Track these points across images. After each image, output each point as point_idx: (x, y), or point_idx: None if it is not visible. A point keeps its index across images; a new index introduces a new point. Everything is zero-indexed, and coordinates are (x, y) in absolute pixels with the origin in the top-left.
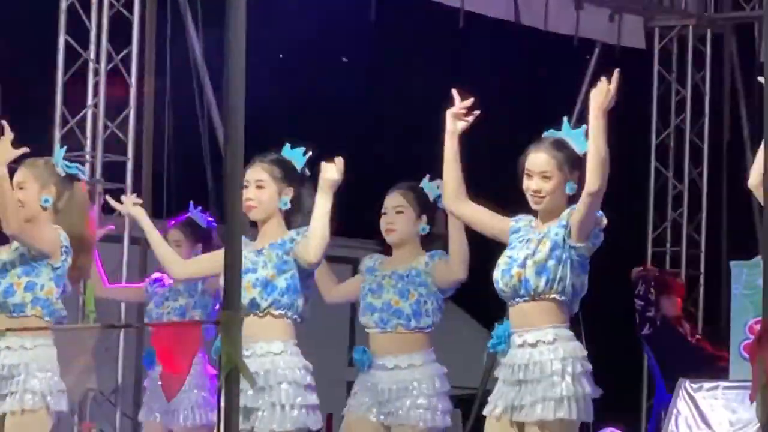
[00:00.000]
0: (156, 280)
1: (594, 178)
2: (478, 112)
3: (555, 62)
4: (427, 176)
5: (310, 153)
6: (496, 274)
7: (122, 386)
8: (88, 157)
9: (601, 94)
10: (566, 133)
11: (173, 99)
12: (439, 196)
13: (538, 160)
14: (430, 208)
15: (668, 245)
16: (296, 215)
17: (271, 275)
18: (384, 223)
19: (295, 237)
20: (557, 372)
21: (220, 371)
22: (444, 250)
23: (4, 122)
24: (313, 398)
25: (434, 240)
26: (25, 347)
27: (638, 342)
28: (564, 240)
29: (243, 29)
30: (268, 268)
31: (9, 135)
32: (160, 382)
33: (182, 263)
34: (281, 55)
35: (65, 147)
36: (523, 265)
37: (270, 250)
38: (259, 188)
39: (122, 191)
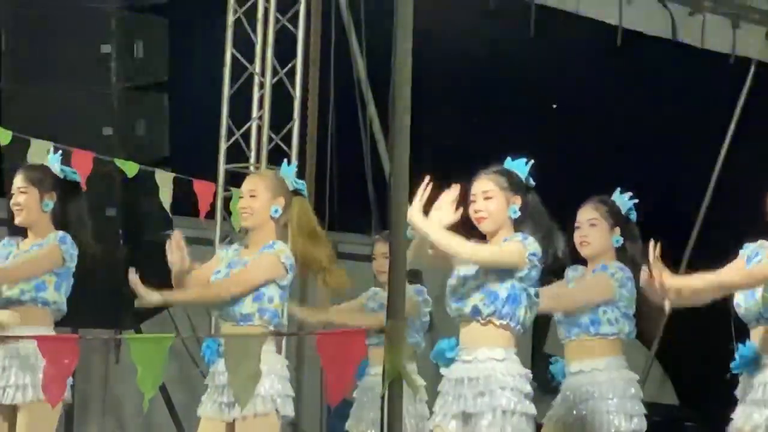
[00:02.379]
0: None
1: None
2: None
3: (711, 80)
4: (618, 189)
5: (532, 161)
6: (738, 298)
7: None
8: (252, 168)
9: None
10: None
11: (336, 112)
12: (631, 209)
13: None
14: (623, 221)
15: None
16: (525, 223)
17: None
18: (578, 237)
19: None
20: None
21: (383, 379)
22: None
23: None
24: (532, 408)
25: (628, 253)
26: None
27: None
28: None
29: (409, 45)
30: (488, 278)
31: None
32: (369, 393)
33: None
34: (443, 71)
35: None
36: None
37: None
38: (487, 199)
39: None
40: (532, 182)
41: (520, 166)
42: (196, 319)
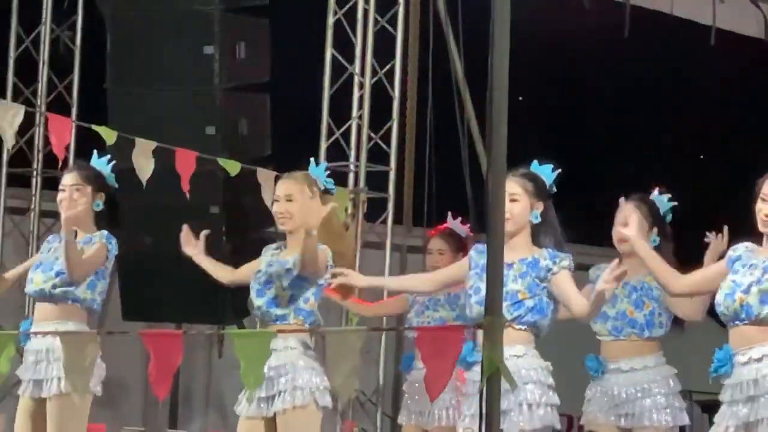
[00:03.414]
0: None
1: None
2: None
3: None
4: (656, 189)
5: (559, 170)
6: (719, 297)
7: (383, 387)
8: (352, 167)
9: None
10: None
11: (434, 111)
12: (670, 209)
13: None
14: (660, 221)
15: None
16: (545, 229)
17: (521, 292)
18: (617, 234)
19: (550, 265)
20: None
21: (482, 374)
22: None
23: None
24: (555, 398)
25: (662, 252)
26: (291, 347)
27: None
28: None
29: (506, 46)
30: (518, 284)
31: None
32: (416, 385)
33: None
34: (538, 70)
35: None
36: (747, 291)
37: (520, 264)
38: (513, 201)
39: (385, 200)
40: (554, 189)
41: (546, 172)
42: None
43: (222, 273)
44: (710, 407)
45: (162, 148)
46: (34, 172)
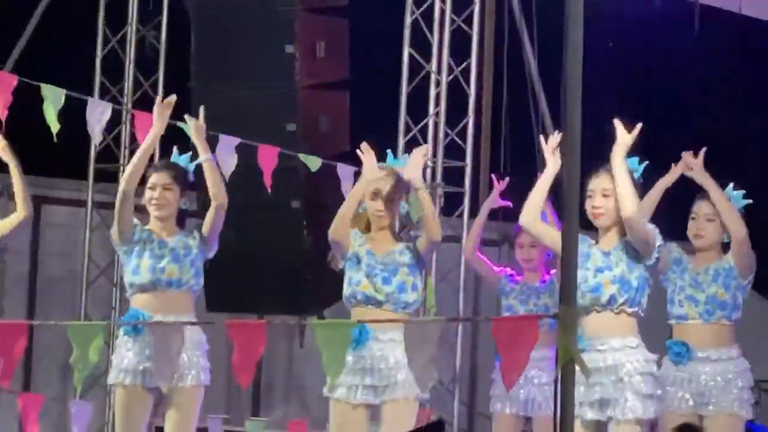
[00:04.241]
0: (510, 276)
1: None
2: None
3: None
4: (731, 185)
5: (646, 162)
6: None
7: (459, 376)
8: (429, 162)
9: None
10: None
11: (509, 108)
12: (742, 208)
13: None
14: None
15: None
16: None
17: (626, 274)
18: (694, 229)
19: None
20: None
21: (557, 363)
22: None
23: None
24: (660, 389)
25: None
26: (394, 340)
27: None
28: None
29: (580, 42)
30: (621, 267)
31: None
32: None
33: None
34: (610, 67)
35: None
36: None
37: (616, 251)
38: (606, 197)
39: (461, 195)
40: (641, 181)
41: (634, 165)
42: None
43: None
44: None
45: (245, 144)
46: (121, 168)
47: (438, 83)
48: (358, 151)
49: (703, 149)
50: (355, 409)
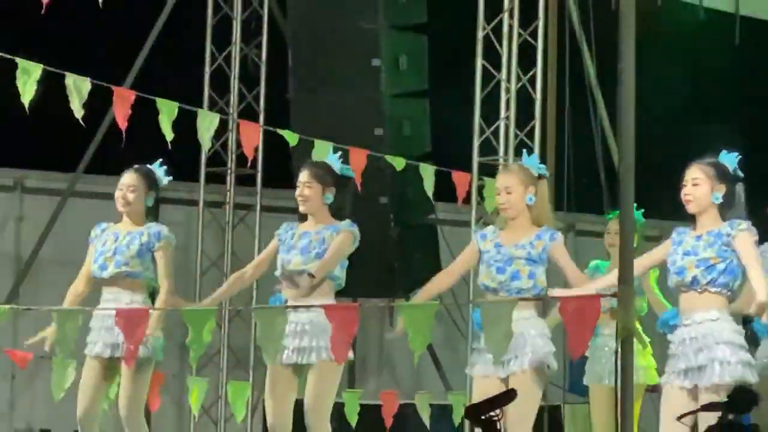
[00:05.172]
0: None
1: None
2: None
3: None
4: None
5: (740, 157)
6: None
7: None
8: (501, 160)
9: None
10: None
11: (572, 112)
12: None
13: None
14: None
15: None
16: (728, 209)
17: (713, 258)
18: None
19: (729, 230)
20: None
21: (616, 336)
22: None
23: None
24: (747, 356)
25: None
26: (526, 317)
27: None
28: None
29: (632, 56)
30: (708, 252)
31: None
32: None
33: None
34: (656, 76)
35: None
36: None
37: (708, 236)
38: (695, 185)
39: None
40: (740, 174)
41: (730, 159)
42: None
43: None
44: None
45: (338, 147)
46: (229, 171)
47: (508, 90)
48: None
49: None
50: (489, 381)
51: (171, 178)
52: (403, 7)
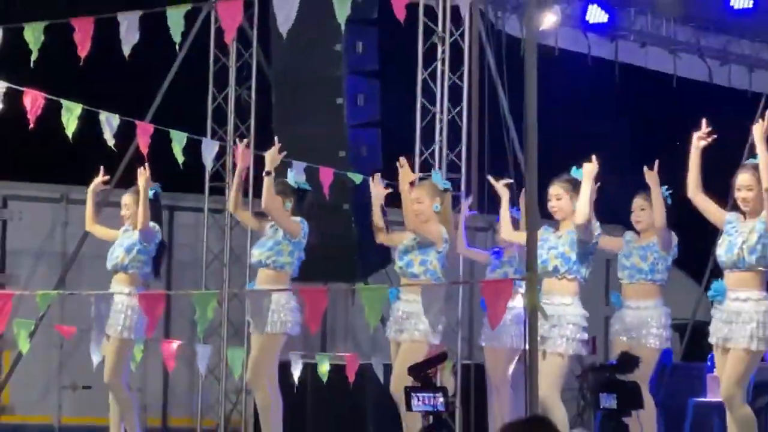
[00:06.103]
0: (496, 253)
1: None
2: (714, 137)
3: None
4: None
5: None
6: (719, 251)
7: (461, 320)
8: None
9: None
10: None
11: (490, 136)
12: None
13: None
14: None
15: None
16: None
17: (567, 251)
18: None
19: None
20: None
21: (525, 311)
22: None
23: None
24: (585, 335)
25: None
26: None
27: None
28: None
29: (535, 92)
30: (566, 247)
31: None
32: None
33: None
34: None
35: None
36: (740, 247)
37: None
38: (558, 200)
39: (459, 197)
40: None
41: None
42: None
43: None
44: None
45: (310, 166)
46: (227, 185)
47: (441, 121)
48: (397, 163)
49: (656, 161)
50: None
51: (160, 191)
52: (359, 58)
